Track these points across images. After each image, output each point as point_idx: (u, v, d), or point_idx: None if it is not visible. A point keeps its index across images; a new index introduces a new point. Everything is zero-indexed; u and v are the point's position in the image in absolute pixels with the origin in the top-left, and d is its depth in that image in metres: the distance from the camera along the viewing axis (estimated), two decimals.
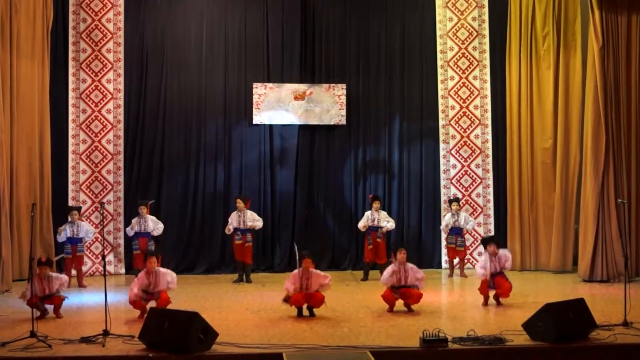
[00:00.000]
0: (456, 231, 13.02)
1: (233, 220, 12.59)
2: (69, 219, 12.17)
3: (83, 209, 13.24)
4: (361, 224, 12.79)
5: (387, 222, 12.68)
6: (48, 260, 9.52)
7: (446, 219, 13.24)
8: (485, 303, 9.95)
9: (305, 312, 9.31)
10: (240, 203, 12.61)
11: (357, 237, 13.78)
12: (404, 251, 9.68)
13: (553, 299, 8.79)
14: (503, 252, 10.23)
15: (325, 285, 9.42)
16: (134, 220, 12.60)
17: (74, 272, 12.12)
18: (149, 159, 13.81)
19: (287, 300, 9.36)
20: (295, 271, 9.44)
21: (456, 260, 13.11)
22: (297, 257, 9.58)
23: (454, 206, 13.11)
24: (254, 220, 12.64)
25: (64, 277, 9.79)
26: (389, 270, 9.70)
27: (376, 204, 12.72)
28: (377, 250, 12.64)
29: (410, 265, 9.70)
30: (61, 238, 12.05)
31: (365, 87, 14.35)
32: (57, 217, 12.91)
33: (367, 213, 12.85)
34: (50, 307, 9.29)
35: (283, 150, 14.13)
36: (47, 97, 12.95)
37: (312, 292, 9.27)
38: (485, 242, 10.35)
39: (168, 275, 9.38)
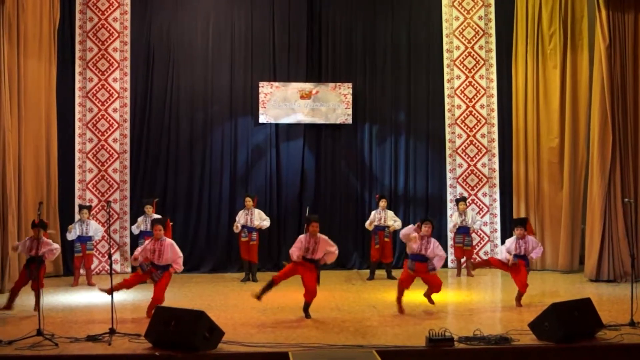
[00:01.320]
0: (464, 230, 13.03)
1: (240, 218, 12.60)
2: (79, 217, 12.19)
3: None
4: (368, 223, 12.81)
5: (394, 222, 12.68)
6: (41, 222, 9.46)
7: (454, 219, 13.27)
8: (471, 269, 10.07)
9: (301, 313, 9.26)
10: (248, 201, 12.62)
11: (363, 236, 13.78)
12: (430, 224, 9.57)
13: (559, 298, 8.78)
14: (532, 239, 10.16)
15: (331, 253, 9.36)
16: (139, 219, 12.60)
17: (82, 271, 12.16)
18: (155, 158, 13.83)
19: (270, 285, 9.18)
20: (302, 236, 9.36)
21: (463, 259, 13.10)
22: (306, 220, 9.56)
23: (461, 205, 13.13)
24: (261, 219, 12.64)
25: (55, 245, 9.79)
26: (412, 230, 9.54)
27: (382, 203, 12.73)
28: (383, 250, 12.65)
29: (434, 240, 9.61)
30: (71, 236, 12.11)
31: (371, 86, 14.35)
32: (63, 216, 12.97)
33: (374, 212, 12.86)
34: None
35: (289, 149, 14.14)
36: (53, 96, 12.98)
37: (306, 283, 9.14)
38: (513, 224, 10.30)
39: (175, 253, 9.33)
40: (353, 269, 13.86)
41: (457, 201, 13.41)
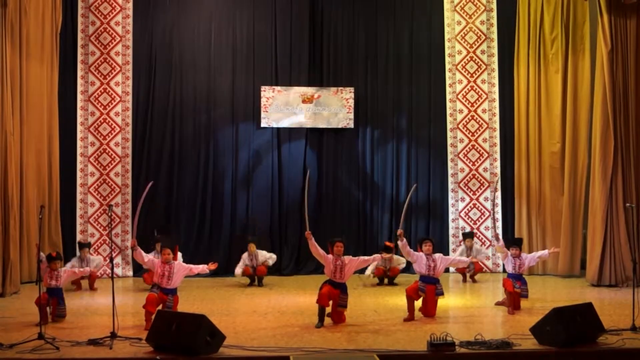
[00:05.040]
0: None
1: (246, 261, 12.41)
2: (78, 254, 11.86)
3: (91, 212, 13.30)
4: (370, 269, 12.28)
5: (399, 264, 12.30)
6: (58, 254, 9.55)
7: (458, 253, 13.01)
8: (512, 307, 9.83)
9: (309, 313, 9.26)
10: (252, 247, 12.41)
11: (364, 240, 13.80)
12: (430, 243, 9.59)
13: (561, 303, 8.76)
14: (524, 256, 10.26)
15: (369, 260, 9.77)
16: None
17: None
18: (157, 162, 13.84)
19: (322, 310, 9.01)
20: (330, 256, 9.23)
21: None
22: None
23: (468, 242, 12.95)
24: (266, 258, 12.50)
25: (63, 274, 9.61)
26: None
27: (386, 255, 11.41)
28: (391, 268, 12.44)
29: (438, 255, 9.62)
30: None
31: (373, 90, 14.36)
32: (65, 220, 12.98)
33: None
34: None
35: (291, 153, 14.14)
36: (55, 100, 13.03)
37: (335, 308, 9.07)
38: (510, 243, 10.38)
39: (184, 271, 9.11)
40: (354, 274, 13.80)
41: (464, 236, 13.22)
